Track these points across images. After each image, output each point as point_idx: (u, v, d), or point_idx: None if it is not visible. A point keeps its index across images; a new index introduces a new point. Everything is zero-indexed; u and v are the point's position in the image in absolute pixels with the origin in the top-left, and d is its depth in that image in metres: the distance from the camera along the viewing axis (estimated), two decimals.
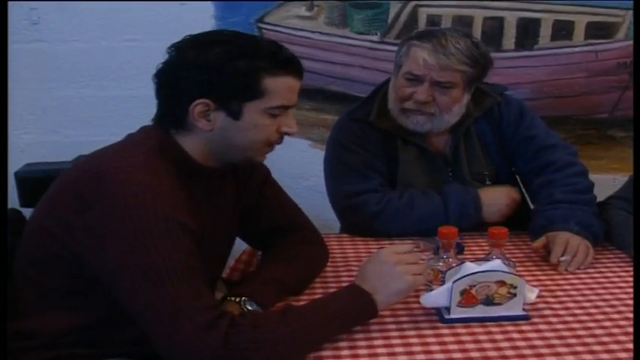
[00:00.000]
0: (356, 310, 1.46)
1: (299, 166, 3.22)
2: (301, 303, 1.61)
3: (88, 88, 3.14)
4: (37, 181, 2.96)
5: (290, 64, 1.50)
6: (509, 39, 3.10)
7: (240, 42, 1.47)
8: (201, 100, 1.45)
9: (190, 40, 1.50)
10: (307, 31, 3.11)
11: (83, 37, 3.09)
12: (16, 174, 2.96)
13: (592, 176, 2.17)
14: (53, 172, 2.85)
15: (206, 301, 1.34)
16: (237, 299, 1.55)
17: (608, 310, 1.60)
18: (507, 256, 1.73)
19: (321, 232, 1.89)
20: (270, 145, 1.58)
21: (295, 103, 1.55)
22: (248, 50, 1.45)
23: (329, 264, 1.87)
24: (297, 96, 1.55)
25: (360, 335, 1.47)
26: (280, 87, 1.49)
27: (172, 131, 1.52)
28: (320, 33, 3.10)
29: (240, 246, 1.91)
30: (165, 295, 1.30)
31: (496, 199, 2.10)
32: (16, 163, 3.09)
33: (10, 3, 2.92)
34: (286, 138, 3.14)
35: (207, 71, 1.44)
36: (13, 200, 2.88)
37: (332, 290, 1.70)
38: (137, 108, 3.08)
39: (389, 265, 1.49)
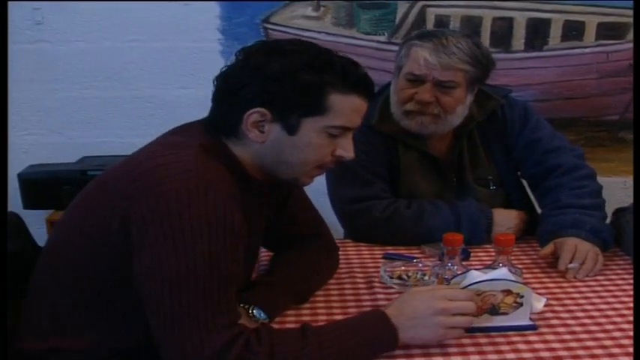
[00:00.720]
0: (377, 343, 1.36)
1: None
2: (305, 310, 1.60)
3: (91, 89, 3.12)
4: (40, 183, 2.99)
5: (361, 84, 1.42)
6: (518, 39, 3.07)
7: (312, 53, 1.39)
8: (258, 109, 1.38)
9: (259, 46, 1.43)
10: (313, 31, 3.08)
11: (87, 37, 3.08)
12: (19, 175, 2.94)
13: (602, 179, 2.12)
14: (56, 174, 2.89)
15: (229, 318, 1.28)
16: (246, 306, 1.50)
17: (617, 319, 1.55)
18: (514, 262, 1.69)
19: None
20: (321, 168, 1.50)
21: (358, 126, 1.47)
22: (318, 63, 1.37)
23: None
24: (361, 119, 1.47)
25: None
26: (346, 106, 1.41)
27: (222, 137, 1.44)
28: (326, 33, 3.08)
29: None
30: (185, 301, 1.24)
31: (507, 221, 2.06)
32: (19, 164, 3.08)
33: (13, 3, 2.92)
34: None
35: (268, 80, 1.36)
36: (16, 202, 2.86)
37: (334, 297, 1.68)
38: (141, 109, 3.10)
39: (431, 310, 1.36)
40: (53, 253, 1.49)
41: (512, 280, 1.46)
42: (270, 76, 1.36)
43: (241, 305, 1.49)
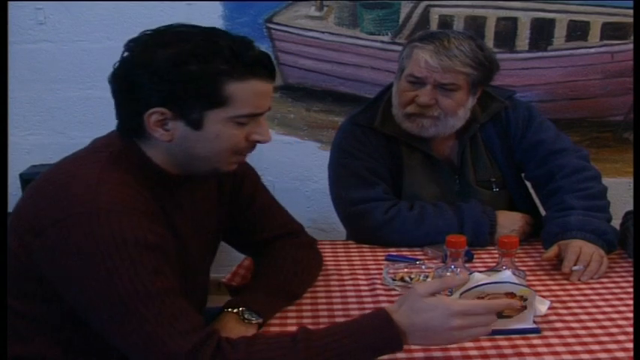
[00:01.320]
0: (381, 347, 1.29)
1: (308, 169, 3.21)
2: (306, 312, 1.59)
3: (94, 89, 3.12)
4: None
5: (257, 66, 1.34)
6: (523, 40, 3.06)
7: (197, 41, 1.30)
8: (157, 109, 1.31)
9: (144, 39, 1.33)
10: (317, 31, 3.08)
11: (89, 37, 3.08)
12: (22, 176, 2.94)
13: (607, 180, 2.11)
14: None
15: (185, 324, 1.23)
16: (236, 310, 1.49)
17: (622, 323, 1.53)
18: (518, 265, 1.68)
19: (330, 237, 1.83)
20: (239, 154, 1.44)
21: (267, 108, 1.40)
22: (204, 51, 1.29)
23: (333, 271, 1.83)
24: (269, 100, 1.40)
25: None
26: (247, 93, 1.33)
27: (134, 139, 1.40)
28: (330, 33, 3.08)
29: None
30: (138, 322, 1.21)
31: (511, 223, 2.04)
32: (21, 164, 3.09)
33: (15, 3, 2.91)
34: (294, 141, 3.17)
35: (157, 77, 1.28)
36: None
37: (336, 299, 1.66)
38: None
39: (446, 326, 1.27)
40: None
41: (515, 283, 1.45)
42: (157, 72, 1.28)
43: (230, 310, 1.48)
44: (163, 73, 1.28)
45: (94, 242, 1.22)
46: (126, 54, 1.34)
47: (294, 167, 3.23)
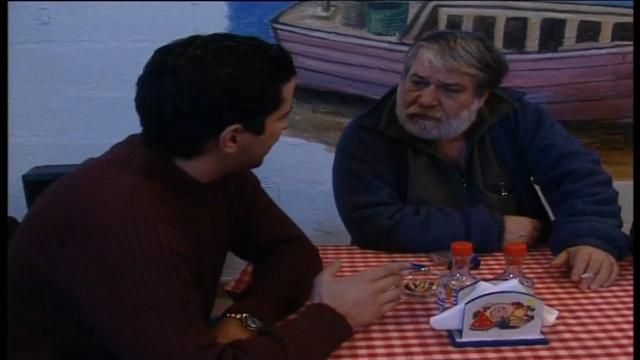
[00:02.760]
0: (338, 336, 1.41)
1: (314, 170, 3.19)
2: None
3: (98, 90, 3.10)
4: (46, 185, 2.92)
5: (293, 66, 1.43)
6: (532, 40, 3.03)
7: (252, 55, 1.34)
8: (232, 127, 1.34)
9: (192, 60, 1.31)
10: (323, 31, 3.06)
11: (93, 37, 3.07)
12: (24, 177, 2.92)
13: (618, 183, 2.06)
14: (61, 176, 2.84)
15: (201, 340, 1.22)
16: (239, 316, 1.47)
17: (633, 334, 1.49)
18: (525, 272, 1.63)
19: (336, 240, 1.81)
20: None
21: None
22: (262, 64, 1.34)
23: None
24: None
25: None
26: (290, 91, 1.43)
27: (170, 155, 1.39)
28: (336, 34, 3.06)
29: None
30: (156, 333, 1.20)
31: (520, 228, 2.00)
32: (25, 165, 3.07)
33: (19, 3, 2.89)
34: (300, 142, 3.14)
35: (227, 96, 1.31)
36: (21, 204, 2.83)
37: None
38: None
39: (367, 292, 1.46)
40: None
41: (522, 293, 1.41)
42: (226, 92, 1.31)
43: (233, 315, 1.46)
44: (233, 91, 1.31)
45: (129, 248, 1.21)
46: (173, 79, 1.30)
47: (300, 169, 3.21)
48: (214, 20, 2.99)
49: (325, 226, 3.16)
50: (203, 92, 1.30)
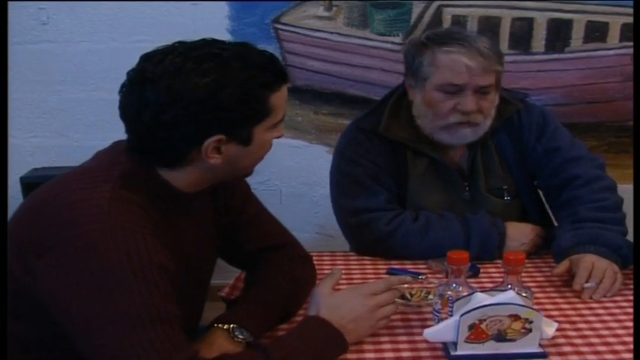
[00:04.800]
0: (332, 352, 1.37)
1: (316, 173, 3.15)
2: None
3: (98, 91, 3.07)
4: None
5: (283, 73, 1.38)
6: (539, 41, 2.99)
7: (235, 63, 1.29)
8: (214, 138, 1.30)
9: (171, 68, 1.26)
10: (325, 32, 3.03)
11: (93, 37, 3.04)
12: (22, 179, 2.89)
13: (625, 187, 2.02)
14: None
15: (181, 355, 1.19)
16: (226, 326, 1.42)
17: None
18: (526, 281, 1.58)
19: (338, 243, 1.80)
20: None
21: None
22: (247, 72, 1.29)
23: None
24: None
25: None
26: (282, 99, 1.37)
27: (154, 164, 1.35)
28: (339, 34, 3.02)
29: None
30: (134, 349, 1.16)
31: (521, 236, 1.95)
32: (24, 167, 3.06)
33: (18, 3, 2.87)
34: (302, 144, 3.10)
35: (210, 107, 1.26)
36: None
37: None
38: None
39: (366, 308, 1.42)
40: None
41: (520, 305, 1.36)
42: (208, 102, 1.26)
43: (220, 326, 1.42)
44: (214, 101, 1.26)
45: (107, 259, 1.18)
46: (153, 87, 1.26)
47: (302, 172, 3.17)
48: (215, 20, 2.96)
49: (327, 230, 3.12)
50: (182, 102, 1.25)
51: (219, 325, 1.42)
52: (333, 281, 1.49)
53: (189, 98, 1.25)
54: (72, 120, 3.11)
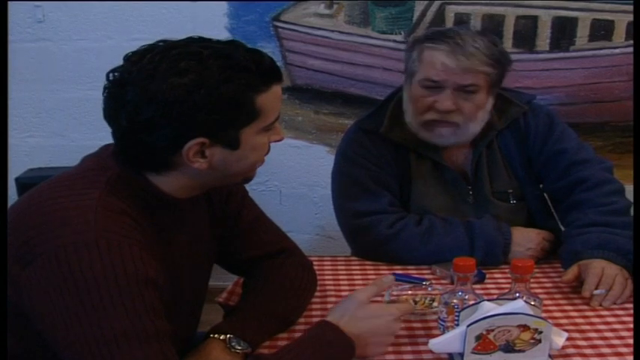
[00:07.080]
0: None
1: (316, 174, 3.13)
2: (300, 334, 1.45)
3: (95, 90, 2.95)
4: None
5: (275, 72, 1.31)
6: (543, 39, 2.95)
7: (217, 62, 1.23)
8: (195, 141, 1.24)
9: (149, 68, 1.21)
10: (326, 30, 2.98)
11: (90, 36, 3.00)
12: (17, 180, 2.85)
13: (630, 188, 1.96)
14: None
15: None
16: (222, 337, 1.37)
17: None
18: (534, 289, 1.54)
19: (339, 245, 1.74)
20: (263, 160, 1.40)
21: None
22: (229, 72, 1.22)
23: (332, 291, 1.71)
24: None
25: None
26: (272, 100, 1.30)
27: (141, 169, 1.30)
28: (340, 32, 2.98)
29: None
30: None
31: (528, 241, 1.90)
32: (20, 167, 3.03)
33: (13, 1, 2.82)
34: (303, 144, 3.05)
35: (189, 109, 1.20)
36: None
37: None
38: None
39: (390, 331, 1.36)
40: None
41: (529, 315, 1.31)
42: (187, 103, 1.20)
43: (216, 336, 1.37)
44: (191, 102, 1.20)
45: (91, 273, 1.12)
46: (133, 89, 1.21)
47: (302, 172, 3.13)
48: (214, 18, 2.92)
49: (328, 231, 3.09)
50: (157, 103, 1.19)
51: (216, 336, 1.38)
52: (374, 292, 1.41)
53: (164, 99, 1.19)
54: (69, 119, 3.07)
